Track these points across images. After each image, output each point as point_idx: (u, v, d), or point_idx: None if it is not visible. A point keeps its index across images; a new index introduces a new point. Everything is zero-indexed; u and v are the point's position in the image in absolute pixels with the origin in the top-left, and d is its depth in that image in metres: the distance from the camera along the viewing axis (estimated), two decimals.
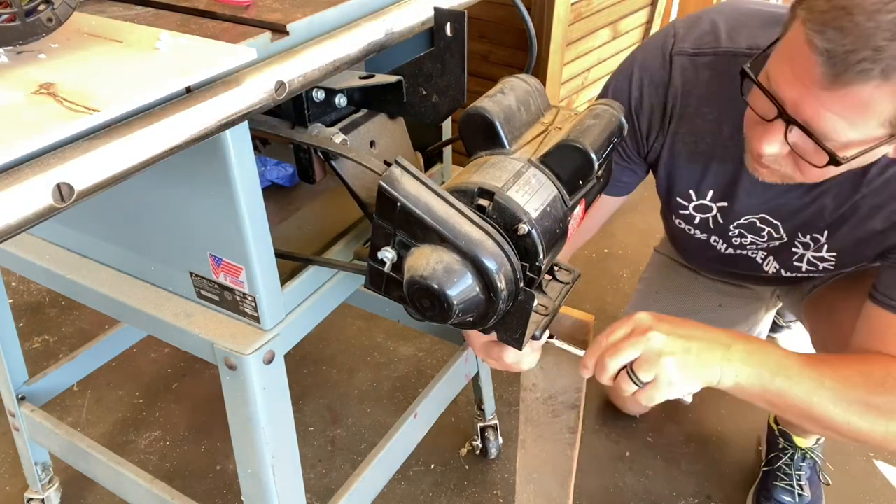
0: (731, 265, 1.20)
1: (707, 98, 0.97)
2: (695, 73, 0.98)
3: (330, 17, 0.71)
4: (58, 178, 0.47)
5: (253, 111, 0.60)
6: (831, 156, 0.75)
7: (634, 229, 2.17)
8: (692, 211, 1.11)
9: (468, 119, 0.73)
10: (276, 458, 0.86)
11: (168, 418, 1.61)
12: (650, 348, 0.78)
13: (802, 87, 0.73)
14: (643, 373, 0.78)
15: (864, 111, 0.71)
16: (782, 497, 1.37)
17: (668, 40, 1.00)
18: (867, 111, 0.71)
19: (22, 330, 1.83)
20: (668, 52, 0.99)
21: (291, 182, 1.05)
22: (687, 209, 1.11)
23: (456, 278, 0.65)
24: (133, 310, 0.83)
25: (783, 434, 1.42)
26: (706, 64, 0.96)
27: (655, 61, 1.01)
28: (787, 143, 0.79)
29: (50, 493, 1.35)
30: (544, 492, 0.98)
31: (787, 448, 1.41)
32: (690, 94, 0.99)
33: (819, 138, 0.75)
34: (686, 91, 0.99)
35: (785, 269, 1.12)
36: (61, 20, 0.56)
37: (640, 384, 0.78)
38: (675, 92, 0.99)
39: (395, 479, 1.45)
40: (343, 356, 1.78)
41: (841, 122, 0.73)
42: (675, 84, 0.99)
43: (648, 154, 1.08)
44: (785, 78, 0.76)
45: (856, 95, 0.70)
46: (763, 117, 0.80)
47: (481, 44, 2.05)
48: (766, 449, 1.47)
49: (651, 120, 1.03)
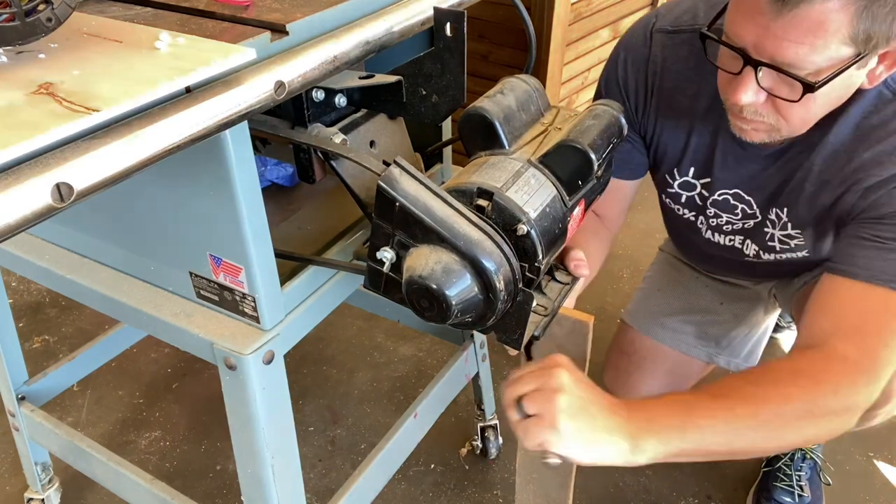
0: (719, 251, 1.21)
1: (685, 73, 1.00)
2: (673, 49, 1.01)
3: (330, 17, 0.71)
4: (57, 178, 0.47)
5: (252, 111, 0.60)
6: (804, 83, 0.77)
7: (634, 229, 2.17)
8: (678, 189, 1.13)
9: (468, 119, 0.73)
10: (275, 458, 0.86)
11: (168, 418, 1.61)
12: (548, 384, 0.72)
13: (756, 26, 0.76)
14: (529, 404, 0.72)
15: (821, 30, 0.73)
16: (782, 497, 1.37)
17: (650, 20, 1.04)
18: (823, 30, 0.73)
19: (22, 330, 1.83)
20: (649, 30, 1.03)
21: (291, 182, 1.05)
22: (673, 187, 1.14)
23: (454, 278, 0.65)
24: (133, 310, 0.83)
25: None
26: (684, 41, 1.00)
27: (638, 40, 1.04)
28: (761, 87, 0.81)
29: (50, 493, 1.35)
30: (544, 492, 0.98)
31: None
32: (669, 70, 1.02)
33: (787, 70, 0.77)
34: (665, 67, 1.02)
35: (763, 251, 1.14)
36: (61, 20, 0.56)
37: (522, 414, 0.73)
38: (654, 68, 1.03)
39: (395, 479, 1.45)
40: (343, 356, 1.78)
41: (802, 48, 0.75)
42: (654, 60, 1.02)
43: (644, 134, 1.11)
44: (739, 24, 0.79)
45: (807, 16, 0.72)
46: (732, 71, 0.83)
47: (481, 44, 2.05)
48: None
49: (637, 97, 1.06)
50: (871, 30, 0.73)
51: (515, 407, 0.74)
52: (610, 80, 1.08)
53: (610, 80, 1.08)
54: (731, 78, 0.84)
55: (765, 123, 0.87)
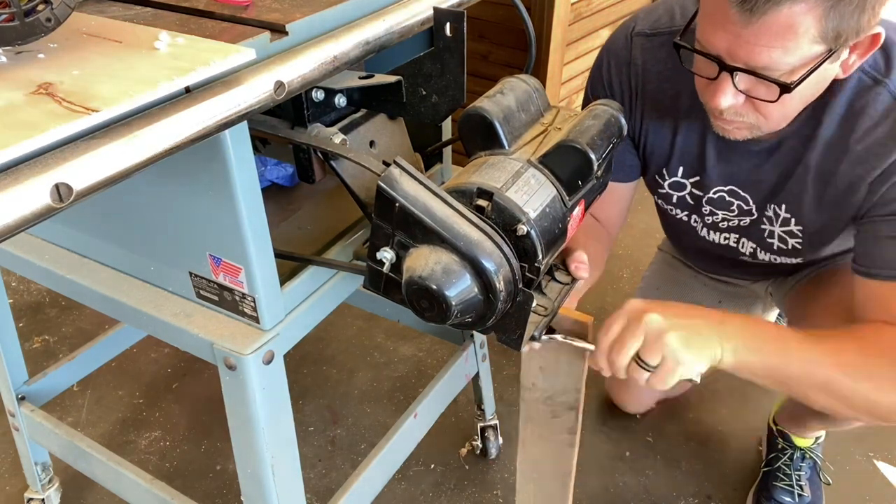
0: (715, 249, 1.21)
1: (665, 74, 1.02)
2: (652, 52, 1.03)
3: (329, 17, 0.71)
4: (56, 179, 0.47)
5: (252, 111, 0.60)
6: (780, 85, 0.79)
7: (634, 229, 2.17)
8: (668, 189, 1.15)
9: (467, 119, 0.73)
10: (275, 458, 0.86)
11: (168, 418, 1.61)
12: (650, 331, 0.79)
13: (727, 34, 0.78)
14: (650, 357, 0.79)
15: (791, 33, 0.75)
16: (782, 497, 1.37)
17: (630, 24, 1.06)
18: (793, 32, 0.74)
19: (22, 330, 1.83)
20: (629, 34, 1.06)
21: (291, 182, 1.05)
22: (663, 188, 1.15)
23: (454, 279, 0.65)
24: (132, 310, 0.83)
25: (782, 434, 1.42)
26: (662, 43, 1.02)
27: (619, 43, 1.07)
28: (739, 90, 0.83)
29: (50, 492, 1.36)
30: (544, 492, 0.98)
31: (786, 448, 1.41)
32: (650, 72, 1.04)
33: (762, 73, 0.79)
34: (646, 69, 1.04)
35: (760, 249, 1.14)
36: (60, 20, 0.56)
37: (650, 369, 0.80)
38: (636, 70, 1.05)
39: (395, 479, 1.45)
40: (343, 356, 1.78)
41: (775, 51, 0.76)
42: (635, 63, 1.05)
43: (633, 135, 1.12)
44: (711, 33, 0.81)
45: (774, 21, 0.74)
46: (708, 77, 0.84)
47: (481, 44, 2.05)
48: (765, 449, 1.47)
49: (623, 100, 1.08)
50: (840, 27, 0.74)
51: (637, 367, 0.80)
52: (596, 84, 1.11)
53: (596, 84, 1.11)
54: (709, 83, 0.85)
55: (745, 123, 0.89)
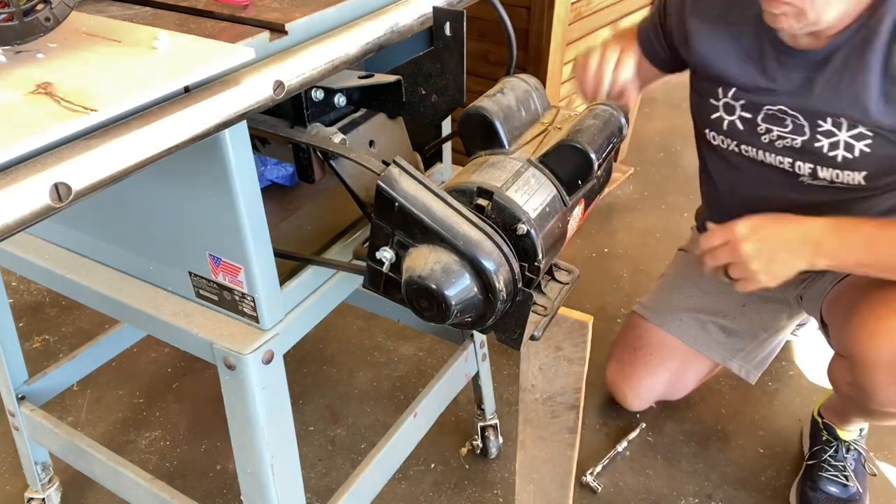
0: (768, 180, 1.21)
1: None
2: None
3: (329, 17, 0.71)
4: (55, 178, 0.47)
5: (251, 111, 0.60)
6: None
7: (634, 229, 2.17)
8: (722, 112, 1.20)
9: (468, 118, 0.73)
10: (275, 458, 0.86)
11: (168, 418, 1.61)
12: (739, 257, 0.98)
13: None
14: (734, 273, 0.99)
15: None
16: (829, 488, 1.36)
17: None
18: None
19: (22, 330, 1.83)
20: None
21: (291, 182, 1.05)
22: (718, 110, 1.20)
23: (454, 279, 0.65)
24: (132, 309, 0.83)
25: (827, 427, 1.42)
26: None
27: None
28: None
29: (50, 492, 1.35)
30: (544, 492, 0.98)
31: (831, 441, 1.41)
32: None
33: None
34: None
35: (821, 165, 1.13)
36: (59, 20, 0.56)
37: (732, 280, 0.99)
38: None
39: (395, 479, 1.45)
40: (343, 356, 1.78)
41: None
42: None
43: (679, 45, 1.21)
44: None
45: None
46: None
47: (481, 43, 2.05)
48: (808, 442, 1.47)
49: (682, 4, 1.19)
50: None
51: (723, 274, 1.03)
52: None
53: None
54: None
55: (792, 7, 0.94)
